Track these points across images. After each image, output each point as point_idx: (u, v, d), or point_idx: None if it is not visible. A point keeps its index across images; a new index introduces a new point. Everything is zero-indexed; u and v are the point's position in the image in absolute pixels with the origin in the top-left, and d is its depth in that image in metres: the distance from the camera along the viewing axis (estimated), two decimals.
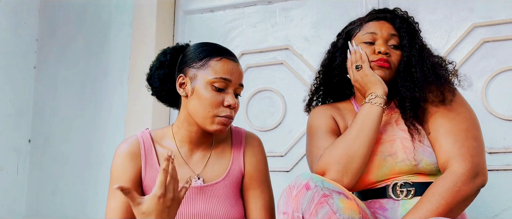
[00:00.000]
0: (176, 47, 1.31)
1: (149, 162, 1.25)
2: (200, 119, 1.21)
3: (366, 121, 1.21)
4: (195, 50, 1.26)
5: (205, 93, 1.20)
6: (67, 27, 2.41)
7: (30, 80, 2.41)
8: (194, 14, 2.33)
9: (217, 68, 1.21)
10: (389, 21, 1.34)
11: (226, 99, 1.20)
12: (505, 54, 1.79)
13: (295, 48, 2.12)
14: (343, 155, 1.17)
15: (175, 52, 1.29)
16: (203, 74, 1.21)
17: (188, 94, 1.23)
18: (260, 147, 1.34)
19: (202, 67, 1.22)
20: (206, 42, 1.30)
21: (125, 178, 1.22)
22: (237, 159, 1.30)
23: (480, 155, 1.17)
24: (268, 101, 2.13)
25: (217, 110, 1.20)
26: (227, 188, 1.26)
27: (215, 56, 1.23)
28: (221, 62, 1.22)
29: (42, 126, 2.37)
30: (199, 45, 1.28)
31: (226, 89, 1.22)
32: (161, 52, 1.31)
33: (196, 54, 1.24)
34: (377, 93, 1.24)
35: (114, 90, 2.26)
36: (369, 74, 1.26)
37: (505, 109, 1.76)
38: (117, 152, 1.26)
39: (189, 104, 1.23)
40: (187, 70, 1.24)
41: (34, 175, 2.34)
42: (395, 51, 1.31)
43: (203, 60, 1.22)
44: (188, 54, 1.26)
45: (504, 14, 1.81)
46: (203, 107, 1.20)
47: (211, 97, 1.19)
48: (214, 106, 1.20)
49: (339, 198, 1.04)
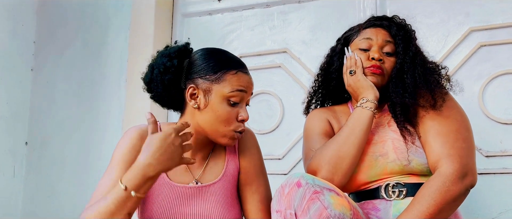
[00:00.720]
0: (180, 48, 1.24)
1: None
2: (211, 132, 1.20)
3: (357, 124, 1.25)
4: (207, 60, 1.21)
5: (221, 108, 1.18)
6: (65, 29, 2.41)
7: (27, 82, 2.40)
8: (192, 17, 2.33)
9: (234, 81, 1.19)
10: (386, 28, 1.38)
11: (240, 113, 1.20)
12: (501, 58, 1.80)
13: (293, 52, 2.13)
14: (333, 155, 1.22)
15: (180, 55, 1.23)
16: (219, 88, 1.18)
17: (201, 106, 1.20)
18: (253, 141, 1.33)
19: (218, 81, 1.18)
20: (216, 51, 1.26)
21: (129, 158, 1.17)
22: (232, 157, 1.30)
23: (469, 156, 1.20)
24: (265, 104, 2.14)
25: (232, 125, 1.19)
26: (224, 188, 1.26)
27: (231, 69, 1.20)
28: (237, 76, 1.20)
29: (39, 128, 2.36)
30: (209, 54, 1.23)
31: (241, 102, 1.21)
32: (163, 54, 1.23)
33: (210, 66, 1.20)
34: (368, 97, 1.28)
35: (111, 93, 2.26)
36: (361, 80, 1.31)
37: (501, 113, 1.77)
38: (126, 134, 1.23)
39: (201, 117, 1.20)
40: (199, 81, 1.20)
41: (31, 177, 2.33)
42: (389, 58, 1.35)
43: (218, 73, 1.19)
44: (199, 63, 1.21)
45: (500, 18, 1.82)
46: (217, 122, 1.19)
47: (227, 113, 1.18)
48: (229, 122, 1.19)
49: (330, 194, 1.07)
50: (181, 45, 1.26)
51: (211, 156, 1.30)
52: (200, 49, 1.26)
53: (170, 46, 1.27)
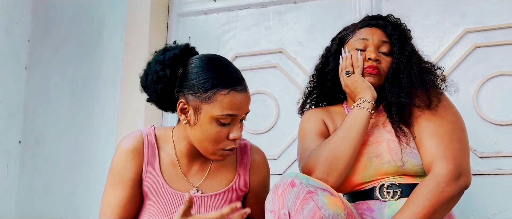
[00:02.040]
0: (176, 55, 1.15)
1: (151, 162, 1.22)
2: (200, 149, 1.18)
3: (354, 125, 1.24)
4: (199, 75, 1.12)
5: (209, 128, 1.12)
6: (60, 28, 2.39)
7: (21, 81, 2.38)
8: (188, 17, 2.33)
9: (224, 103, 1.10)
10: (381, 28, 1.37)
11: (232, 133, 1.14)
12: (496, 60, 1.81)
13: (289, 52, 2.13)
14: (329, 155, 1.21)
15: (174, 63, 1.15)
16: (208, 108, 1.11)
17: (190, 122, 1.15)
18: (266, 164, 1.33)
19: (207, 101, 1.11)
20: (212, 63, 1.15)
21: (126, 175, 1.19)
22: (243, 176, 1.28)
23: (464, 157, 1.20)
24: (261, 104, 2.13)
25: (221, 144, 1.14)
26: (228, 201, 1.23)
27: (222, 89, 1.11)
28: (228, 96, 1.11)
29: (32, 127, 2.35)
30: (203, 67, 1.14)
31: (232, 122, 1.14)
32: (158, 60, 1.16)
33: (201, 82, 1.11)
34: (366, 98, 1.27)
35: (106, 93, 2.25)
36: (359, 80, 1.30)
37: (496, 114, 1.77)
38: (121, 147, 1.21)
39: (191, 132, 1.16)
40: (189, 98, 1.13)
41: (24, 177, 2.32)
42: (385, 57, 1.35)
43: (209, 92, 1.10)
44: (191, 78, 1.13)
45: (496, 19, 1.83)
46: (206, 141, 1.14)
47: (216, 133, 1.12)
48: (218, 142, 1.14)
49: (324, 194, 1.07)
50: (178, 49, 1.17)
51: (214, 165, 1.27)
52: (197, 57, 1.18)
53: (168, 49, 1.19)
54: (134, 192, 1.20)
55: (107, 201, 1.20)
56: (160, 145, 1.25)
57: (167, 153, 1.24)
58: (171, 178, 1.22)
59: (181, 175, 1.23)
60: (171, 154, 1.24)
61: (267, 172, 1.33)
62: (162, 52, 1.18)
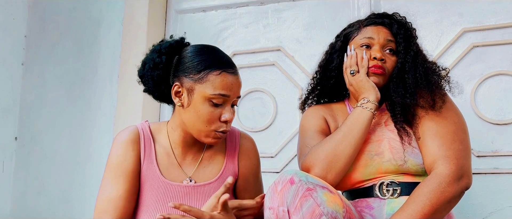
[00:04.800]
0: (171, 44, 1.23)
1: (147, 154, 1.24)
2: (194, 131, 1.20)
3: (355, 124, 1.24)
4: (193, 58, 1.19)
5: (202, 108, 1.17)
6: (57, 23, 2.38)
7: (18, 76, 2.37)
8: (186, 14, 2.32)
9: (216, 83, 1.16)
10: (387, 27, 1.36)
11: (223, 114, 1.18)
12: (494, 59, 1.81)
13: (287, 50, 2.13)
14: (329, 153, 1.21)
15: (170, 51, 1.22)
16: (201, 88, 1.16)
17: (184, 105, 1.19)
18: (255, 150, 1.35)
19: (200, 81, 1.16)
20: (205, 49, 1.23)
21: (126, 167, 1.20)
22: (231, 162, 1.30)
23: (466, 158, 1.20)
24: (259, 102, 2.13)
25: (214, 125, 1.18)
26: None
27: (214, 69, 1.17)
28: (220, 76, 1.16)
29: (29, 123, 2.33)
30: (197, 51, 1.21)
31: (224, 103, 1.18)
32: (155, 49, 1.23)
33: (194, 64, 1.18)
34: (370, 98, 1.27)
35: (103, 88, 2.24)
36: (364, 80, 1.29)
37: (493, 113, 1.78)
38: (117, 139, 1.23)
39: (185, 115, 1.20)
40: (184, 80, 1.19)
41: (20, 173, 2.30)
42: (390, 57, 1.33)
43: (202, 73, 1.17)
44: (186, 61, 1.20)
45: (493, 19, 1.84)
46: (199, 122, 1.17)
47: (208, 113, 1.17)
48: (210, 122, 1.17)
49: (323, 192, 1.07)
50: (174, 40, 1.25)
51: (206, 154, 1.29)
52: (192, 46, 1.25)
53: (165, 41, 1.26)
54: (134, 183, 1.22)
55: (106, 197, 1.18)
56: (155, 137, 1.27)
57: (161, 145, 1.27)
58: (166, 169, 1.24)
59: (176, 165, 1.25)
60: (165, 146, 1.26)
61: (256, 159, 1.34)
62: (159, 43, 1.25)
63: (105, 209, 1.17)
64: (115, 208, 1.17)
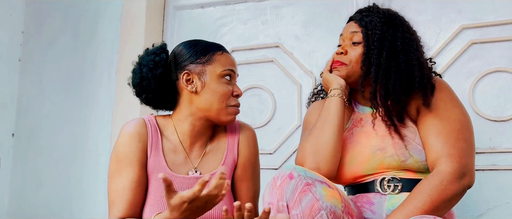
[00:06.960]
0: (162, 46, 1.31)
1: (154, 145, 1.26)
2: (214, 111, 1.26)
3: (329, 111, 1.29)
4: (193, 48, 1.29)
5: (218, 86, 1.26)
6: (54, 19, 2.37)
7: (15, 72, 2.36)
8: (184, 10, 2.31)
9: (223, 60, 1.28)
10: (357, 20, 1.35)
11: (235, 89, 1.29)
12: (492, 56, 1.82)
13: (286, 46, 2.12)
14: (314, 144, 1.25)
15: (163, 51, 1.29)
16: (212, 68, 1.26)
17: (198, 89, 1.26)
18: (254, 139, 1.38)
19: (209, 62, 1.27)
20: (196, 40, 1.33)
21: (133, 158, 1.23)
22: (232, 149, 1.33)
23: (469, 156, 1.20)
24: (257, 98, 2.13)
25: (229, 100, 1.27)
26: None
27: (217, 50, 1.29)
28: (223, 55, 1.29)
29: (26, 119, 2.33)
30: (190, 43, 1.31)
31: (232, 80, 1.29)
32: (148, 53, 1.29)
33: (198, 50, 1.28)
34: (333, 86, 1.31)
35: (101, 85, 2.24)
36: (326, 75, 1.35)
37: (491, 110, 1.79)
38: (124, 131, 1.26)
39: (199, 99, 1.26)
40: (191, 67, 1.26)
41: (18, 170, 2.30)
42: (355, 48, 1.32)
43: (208, 55, 1.27)
44: (184, 53, 1.28)
45: (492, 16, 1.84)
46: (217, 99, 1.25)
47: (223, 89, 1.26)
48: (227, 97, 1.26)
49: (321, 186, 1.09)
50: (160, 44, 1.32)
51: (210, 145, 1.32)
52: (179, 44, 1.33)
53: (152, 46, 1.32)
54: (142, 173, 1.23)
55: (115, 190, 1.21)
56: (162, 130, 1.30)
57: (168, 138, 1.29)
58: (172, 162, 1.27)
59: (183, 157, 1.28)
60: (172, 139, 1.29)
61: (255, 147, 1.37)
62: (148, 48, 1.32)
63: (114, 200, 1.20)
64: (124, 200, 1.19)
